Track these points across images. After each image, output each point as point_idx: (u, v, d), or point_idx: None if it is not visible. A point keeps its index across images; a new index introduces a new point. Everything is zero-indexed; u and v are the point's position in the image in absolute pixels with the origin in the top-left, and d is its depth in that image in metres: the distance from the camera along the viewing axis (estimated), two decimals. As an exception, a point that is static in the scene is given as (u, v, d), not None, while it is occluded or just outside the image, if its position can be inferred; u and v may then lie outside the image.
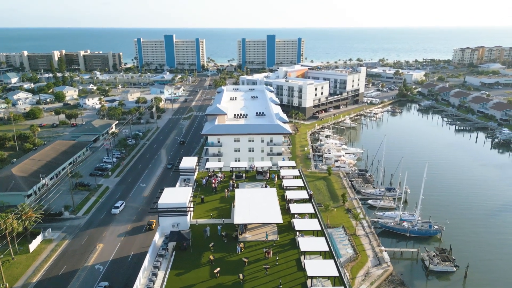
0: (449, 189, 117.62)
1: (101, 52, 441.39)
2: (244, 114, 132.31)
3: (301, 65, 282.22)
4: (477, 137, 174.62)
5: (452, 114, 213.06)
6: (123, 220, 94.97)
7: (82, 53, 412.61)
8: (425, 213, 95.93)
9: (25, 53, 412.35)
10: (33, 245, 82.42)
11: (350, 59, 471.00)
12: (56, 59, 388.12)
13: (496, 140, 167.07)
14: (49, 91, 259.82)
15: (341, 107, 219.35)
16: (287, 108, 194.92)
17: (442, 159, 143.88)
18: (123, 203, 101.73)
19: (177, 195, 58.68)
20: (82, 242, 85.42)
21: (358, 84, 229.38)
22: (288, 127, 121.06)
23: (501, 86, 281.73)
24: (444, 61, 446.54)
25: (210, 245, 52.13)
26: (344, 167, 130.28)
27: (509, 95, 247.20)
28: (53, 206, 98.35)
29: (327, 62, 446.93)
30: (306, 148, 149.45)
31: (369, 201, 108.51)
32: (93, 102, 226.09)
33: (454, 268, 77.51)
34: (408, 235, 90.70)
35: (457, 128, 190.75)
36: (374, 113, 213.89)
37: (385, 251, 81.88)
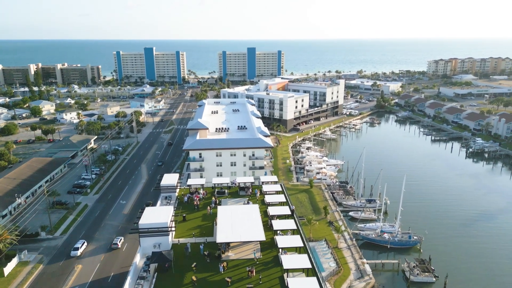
0: (427, 199, 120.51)
1: (79, 65, 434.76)
2: (225, 128, 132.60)
3: (282, 78, 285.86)
4: (452, 147, 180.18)
5: (428, 125, 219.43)
6: (103, 239, 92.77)
7: (59, 66, 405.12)
8: (404, 224, 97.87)
9: (0, 66, 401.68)
10: (8, 268, 79.34)
11: (329, 71, 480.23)
12: (32, 72, 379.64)
13: (470, 149, 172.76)
14: (25, 106, 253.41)
15: (321, 119, 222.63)
16: (268, 120, 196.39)
17: (420, 169, 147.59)
18: (84, 242, 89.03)
19: (158, 214, 58.00)
20: (60, 263, 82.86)
21: (337, 96, 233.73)
22: (269, 141, 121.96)
23: (473, 97, 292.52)
24: (419, 72, 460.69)
25: (193, 265, 51.61)
26: (326, 179, 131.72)
27: (482, 105, 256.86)
28: (29, 227, 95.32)
29: (307, 74, 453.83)
30: (288, 161, 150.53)
31: (351, 213, 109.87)
32: (71, 116, 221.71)
33: (434, 279, 79.09)
34: (389, 246, 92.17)
35: (433, 138, 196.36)
36: (354, 125, 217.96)
37: (367, 263, 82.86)
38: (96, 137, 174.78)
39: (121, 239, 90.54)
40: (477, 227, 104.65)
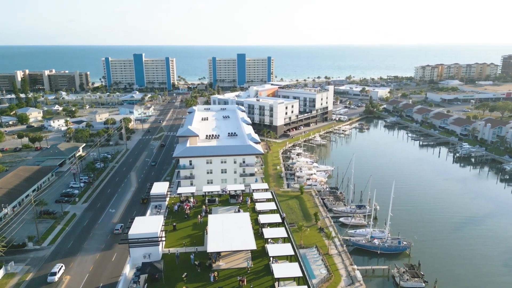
0: (416, 204, 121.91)
1: (67, 71, 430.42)
2: (216, 135, 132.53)
3: (271, 84, 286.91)
4: (439, 152, 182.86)
5: (416, 130, 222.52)
6: (91, 249, 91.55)
7: (47, 72, 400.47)
8: (394, 230, 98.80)
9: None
10: (-6, 281, 77.74)
11: (319, 77, 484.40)
12: (19, 79, 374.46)
13: (457, 154, 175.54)
14: (12, 113, 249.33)
15: (311, 124, 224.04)
16: (258, 126, 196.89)
17: (408, 174, 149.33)
18: (62, 266, 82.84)
19: (148, 224, 57.48)
20: (47, 274, 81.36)
21: (326, 102, 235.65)
22: (260, 148, 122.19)
23: (460, 102, 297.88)
24: (407, 78, 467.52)
25: (183, 276, 51.23)
26: (316, 185, 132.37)
27: (468, 110, 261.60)
28: (16, 237, 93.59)
29: (297, 80, 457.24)
30: (278, 167, 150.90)
31: (341, 219, 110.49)
32: (58, 124, 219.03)
33: (423, 284, 79.88)
34: (379, 252, 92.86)
35: (421, 143, 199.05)
36: (343, 130, 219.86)
37: (358, 269, 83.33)
38: (84, 144, 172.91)
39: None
40: (465, 231, 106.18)
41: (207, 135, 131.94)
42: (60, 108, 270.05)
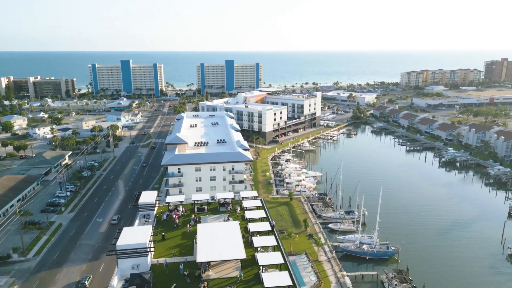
0: (403, 209, 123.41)
1: (52, 78, 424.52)
2: (204, 142, 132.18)
3: (260, 90, 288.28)
4: (426, 157, 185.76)
5: (403, 135, 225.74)
6: (78, 260, 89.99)
7: (32, 79, 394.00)
8: (382, 235, 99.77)
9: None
10: (-24, 295, 75.71)
11: (306, 83, 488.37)
12: (4, 86, 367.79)
13: (443, 159, 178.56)
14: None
15: (299, 130, 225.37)
16: (247, 133, 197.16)
17: (395, 180, 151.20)
18: None
19: (137, 234, 56.85)
20: (33, 287, 79.61)
21: (314, 108, 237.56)
22: (249, 155, 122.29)
23: (444, 107, 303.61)
24: (393, 83, 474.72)
25: (173, 286, 50.77)
26: (305, 191, 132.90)
27: (452, 115, 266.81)
28: (0, 249, 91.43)
29: (285, 86, 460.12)
30: (267, 173, 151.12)
31: (330, 225, 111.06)
32: (44, 131, 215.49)
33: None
34: (368, 257, 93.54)
35: (407, 148, 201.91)
36: (331, 136, 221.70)
37: (347, 275, 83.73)
38: (70, 152, 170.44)
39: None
40: (451, 235, 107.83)
41: (195, 142, 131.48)
42: (46, 116, 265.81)
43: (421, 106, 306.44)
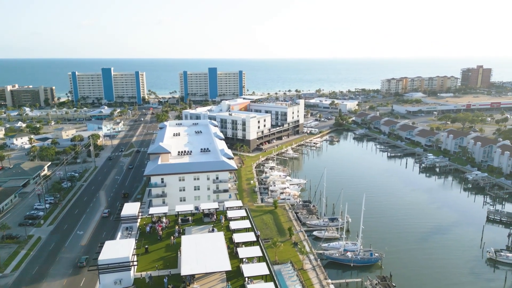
0: (386, 215, 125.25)
1: (31, 86, 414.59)
2: (188, 151, 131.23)
3: (243, 98, 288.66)
4: (406, 163, 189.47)
5: (384, 142, 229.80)
6: (58, 275, 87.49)
7: (9, 87, 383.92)
8: (366, 242, 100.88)
9: None
10: (-51, 315, 72.46)
11: (289, 90, 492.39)
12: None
13: (423, 165, 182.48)
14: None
15: (283, 138, 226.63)
16: (231, 141, 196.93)
17: (378, 186, 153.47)
18: None
19: (119, 248, 55.68)
20: (10, 304, 76.95)
21: (298, 116, 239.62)
22: (233, 163, 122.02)
23: (423, 114, 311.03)
24: (374, 90, 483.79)
25: (157, 301, 49.90)
26: (289, 199, 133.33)
27: (431, 121, 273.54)
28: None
29: (268, 93, 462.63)
30: (252, 181, 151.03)
31: (314, 232, 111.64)
32: (22, 141, 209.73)
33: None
34: (352, 264, 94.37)
35: (389, 154, 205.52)
36: (314, 143, 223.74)
37: (332, 283, 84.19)
38: (50, 163, 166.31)
39: None
40: (433, 240, 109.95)
41: (179, 152, 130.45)
42: (24, 125, 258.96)
43: (401, 112, 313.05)
